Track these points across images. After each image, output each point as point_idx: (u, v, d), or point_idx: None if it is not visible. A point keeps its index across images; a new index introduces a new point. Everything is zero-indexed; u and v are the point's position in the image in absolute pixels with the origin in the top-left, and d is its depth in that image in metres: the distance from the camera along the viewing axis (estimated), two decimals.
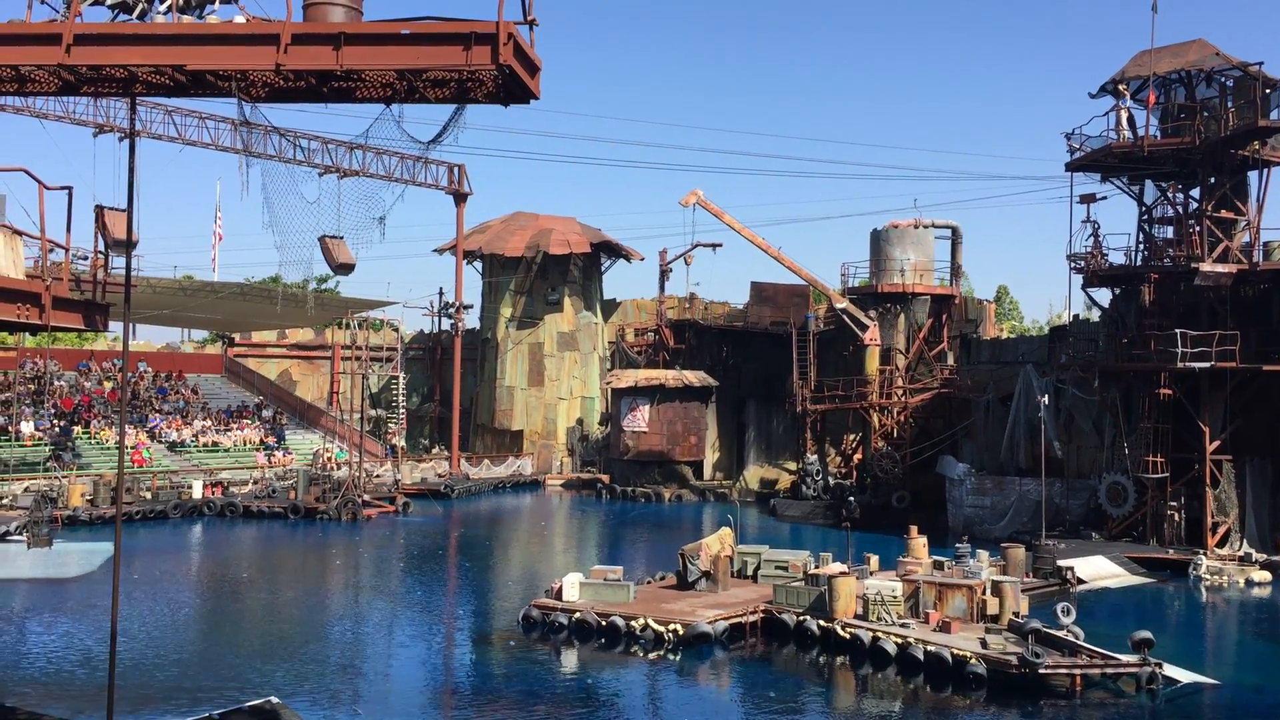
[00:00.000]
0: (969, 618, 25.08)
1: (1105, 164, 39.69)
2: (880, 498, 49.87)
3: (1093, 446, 42.71)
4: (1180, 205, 39.93)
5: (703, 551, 28.86)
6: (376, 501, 48.99)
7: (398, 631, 27.29)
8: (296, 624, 27.84)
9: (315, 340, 69.05)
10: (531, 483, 62.41)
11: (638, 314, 68.86)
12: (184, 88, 12.43)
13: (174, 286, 47.44)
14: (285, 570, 36.02)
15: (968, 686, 21.94)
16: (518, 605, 28.32)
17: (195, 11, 12.36)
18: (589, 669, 24.01)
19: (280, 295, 46.66)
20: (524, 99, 12.08)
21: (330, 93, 12.22)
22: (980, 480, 44.11)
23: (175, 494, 47.22)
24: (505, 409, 65.20)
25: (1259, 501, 37.77)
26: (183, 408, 58.24)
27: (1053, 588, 31.77)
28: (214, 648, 25.15)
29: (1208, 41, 39.15)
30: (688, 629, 24.87)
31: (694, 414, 59.16)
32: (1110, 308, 42.81)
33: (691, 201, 56.02)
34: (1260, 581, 34.05)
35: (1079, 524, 40.68)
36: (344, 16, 11.64)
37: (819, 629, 25.17)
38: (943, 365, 53.05)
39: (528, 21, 11.42)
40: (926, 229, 54.26)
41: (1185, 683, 22.23)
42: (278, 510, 46.30)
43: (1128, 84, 39.50)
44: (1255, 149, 37.19)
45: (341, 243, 20.96)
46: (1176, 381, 37.97)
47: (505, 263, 65.07)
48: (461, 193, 62.87)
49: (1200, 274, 36.59)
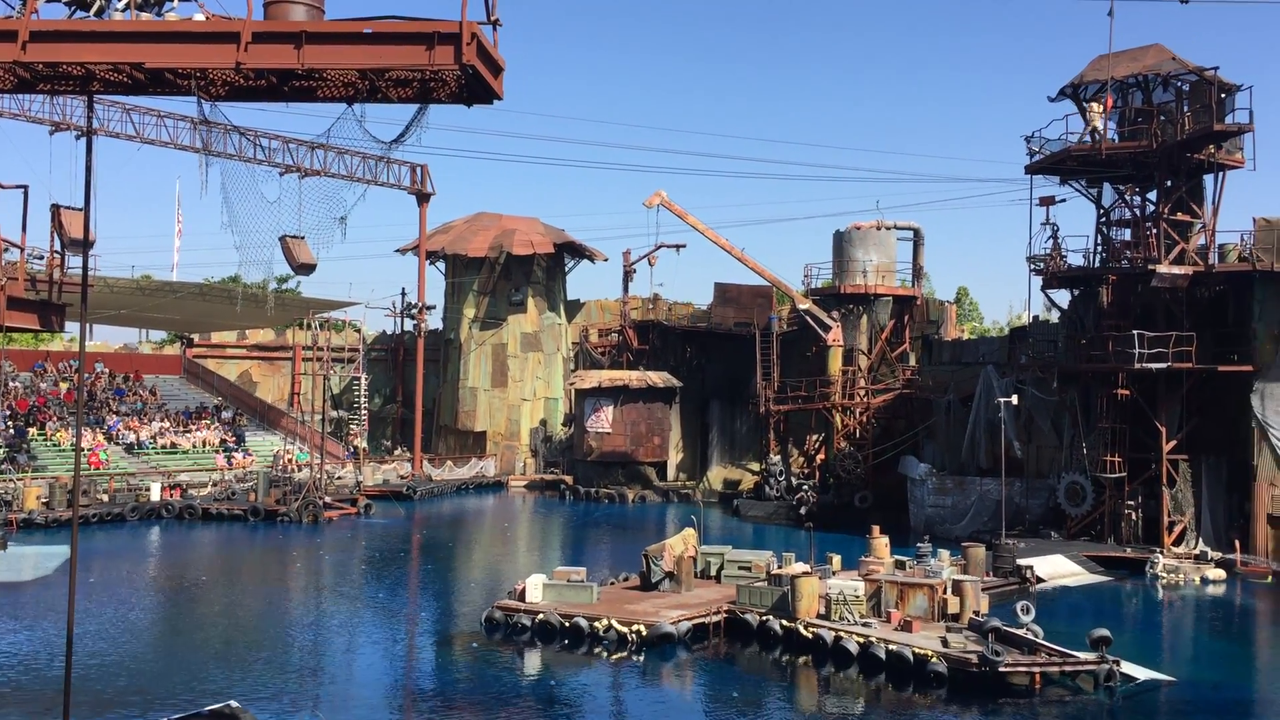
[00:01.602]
0: (930, 617, 25.29)
1: (1064, 167, 40.13)
2: (843, 498, 50.13)
3: (1052, 446, 43.14)
4: (1137, 208, 40.43)
5: (666, 552, 28.89)
6: (338, 503, 48.64)
7: (359, 634, 27.11)
8: (256, 627, 27.60)
9: (276, 341, 68.47)
10: (495, 484, 62.22)
11: (601, 315, 68.82)
12: (142, 86, 12.28)
13: (132, 286, 46.87)
14: (245, 573, 35.69)
15: (929, 685, 22.11)
16: (480, 607, 28.22)
17: (154, 9, 12.22)
18: (552, 670, 23.97)
19: (240, 295, 46.25)
20: (487, 99, 12.03)
21: (291, 92, 12.12)
22: (941, 480, 44.44)
23: (133, 496, 46.64)
24: (468, 410, 64.97)
25: (1214, 500, 38.31)
26: (140, 409, 57.57)
27: (1012, 586, 32.08)
28: (173, 652, 24.87)
29: (1164, 46, 39.69)
30: (651, 630, 24.89)
31: (657, 415, 59.22)
32: (1069, 309, 43.25)
33: (655, 202, 56.09)
34: (1215, 579, 34.55)
35: (1038, 523, 41.09)
36: (305, 15, 11.54)
37: (782, 629, 25.27)
38: (904, 366, 53.42)
39: (491, 21, 11.38)
40: (888, 230, 54.64)
41: (1142, 680, 22.52)
42: (237, 513, 45.85)
43: (1086, 88, 39.98)
44: (1210, 153, 37.72)
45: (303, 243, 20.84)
46: (1134, 382, 38.44)
47: (468, 263, 64.84)
48: (424, 193, 62.60)
49: (1157, 276, 37.06)
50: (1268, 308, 36.94)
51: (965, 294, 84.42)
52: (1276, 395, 36.53)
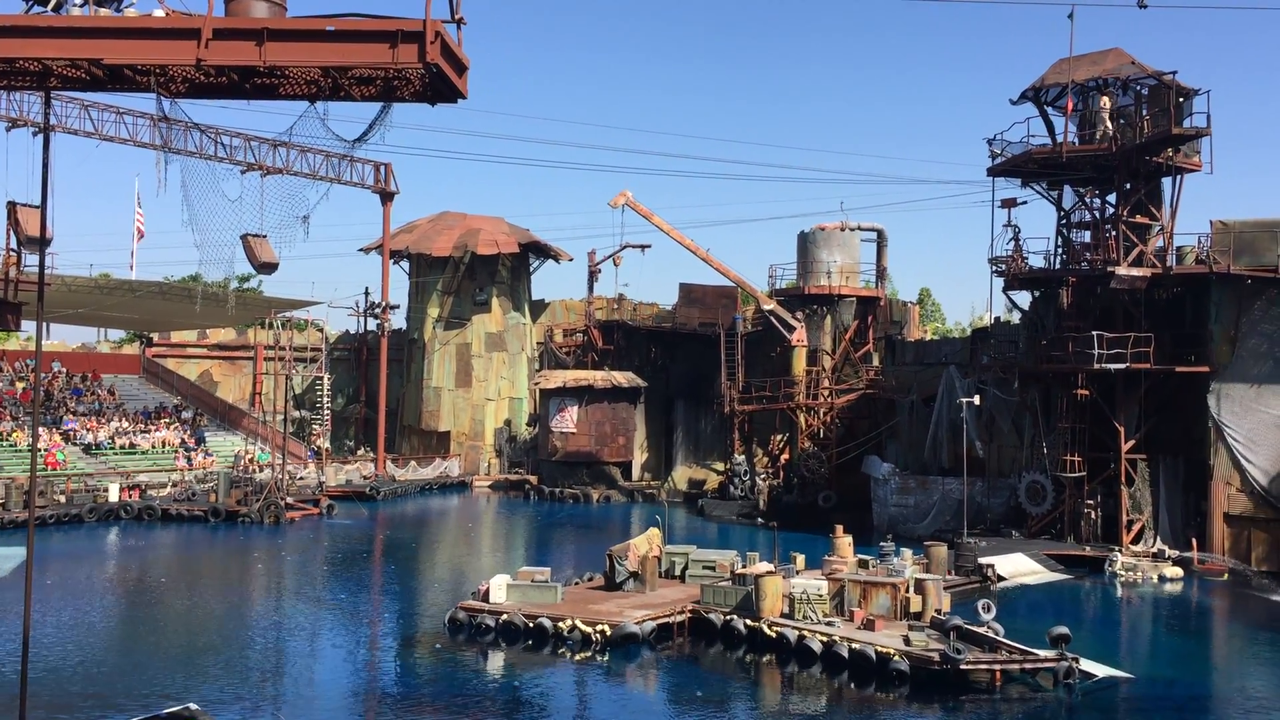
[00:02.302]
0: (893, 615, 25.46)
1: (1025, 169, 40.51)
2: (807, 497, 50.36)
3: (1013, 446, 43.54)
4: (1097, 210, 40.88)
5: (630, 552, 28.91)
6: (300, 504, 48.27)
7: (321, 636, 26.93)
8: (217, 629, 27.34)
9: (237, 340, 67.87)
10: (459, 484, 61.96)
11: (566, 315, 68.72)
12: (101, 82, 12.14)
13: (90, 285, 46.31)
14: (205, 574, 35.35)
15: (891, 683, 22.25)
16: (444, 608, 28.12)
17: (113, 4, 12.09)
18: (516, 671, 23.93)
19: (201, 294, 45.77)
20: (452, 98, 12.00)
21: (253, 89, 12.02)
22: (904, 480, 44.74)
23: (90, 497, 46.07)
24: (432, 410, 64.69)
25: (1172, 499, 38.82)
26: (99, 409, 56.88)
27: (974, 585, 32.35)
28: (131, 655, 24.58)
29: (1124, 51, 40.17)
30: (615, 630, 24.89)
31: (622, 415, 59.22)
32: (1030, 310, 43.67)
33: (620, 203, 56.10)
34: (1172, 577, 35.00)
35: (1000, 522, 41.46)
36: (267, 12, 11.46)
37: (746, 628, 25.35)
38: (868, 366, 53.73)
39: (455, 20, 11.35)
40: (852, 232, 54.94)
41: (1101, 677, 22.79)
42: (198, 513, 45.39)
43: (1047, 91, 40.38)
44: (1169, 156, 38.19)
45: (264, 241, 20.65)
46: (1093, 382, 38.87)
47: (432, 262, 64.55)
48: (388, 191, 62.25)
49: (1116, 277, 37.49)
50: (1224, 309, 37.48)
51: (928, 295, 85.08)
52: (1232, 396, 37.07)
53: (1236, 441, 36.81)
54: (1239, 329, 37.05)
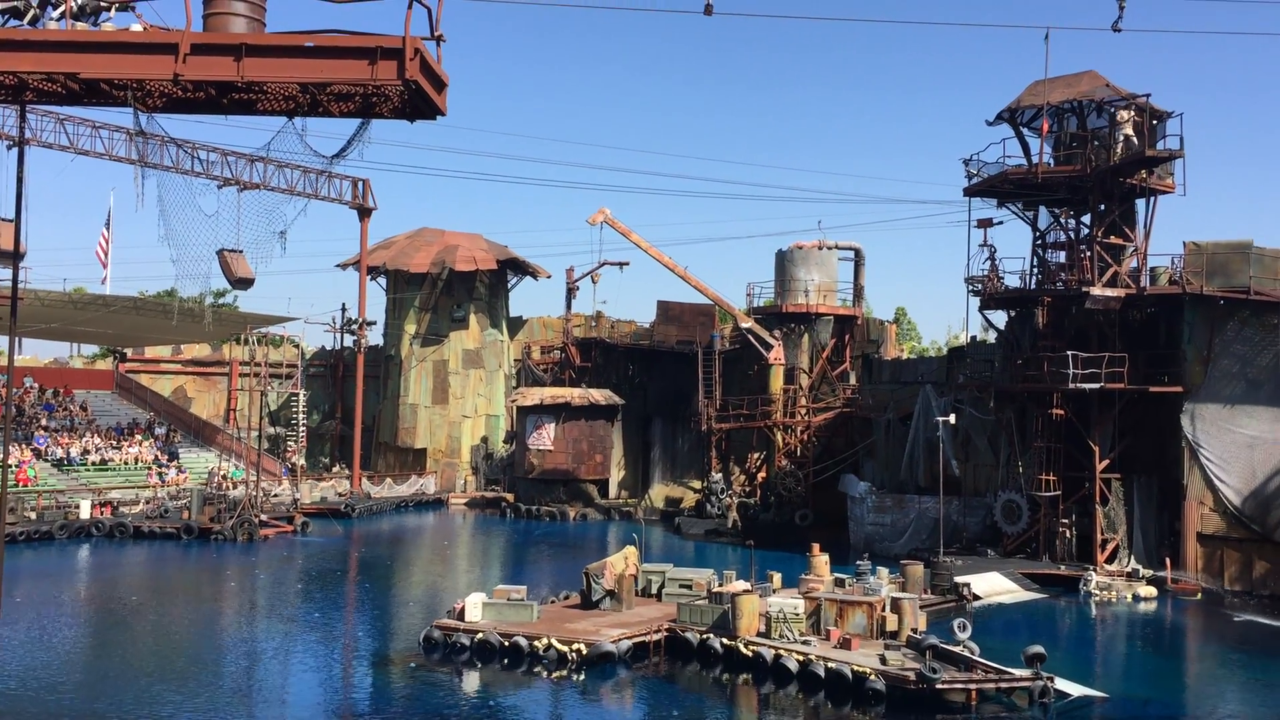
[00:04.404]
0: (869, 634, 25.45)
1: (1001, 190, 40.80)
2: (783, 515, 50.37)
3: (989, 465, 43.71)
4: (1072, 231, 41.19)
5: (607, 570, 28.81)
6: (274, 521, 47.91)
7: (294, 655, 26.68)
8: (189, 649, 27.05)
9: (212, 356, 67.42)
10: (435, 501, 61.67)
11: (544, 332, 68.66)
12: (77, 96, 12.09)
13: (63, 299, 45.97)
14: (177, 593, 34.98)
15: (867, 702, 22.23)
16: (419, 626, 27.92)
17: (90, 18, 12.04)
18: (491, 690, 23.79)
19: (176, 310, 45.49)
20: (430, 115, 12.01)
21: (231, 104, 12.00)
22: (881, 498, 44.82)
23: (62, 514, 45.56)
24: (408, 427, 64.42)
25: (1146, 518, 39.02)
26: (71, 425, 56.35)
27: (950, 604, 32.39)
28: (102, 674, 24.25)
29: (1098, 73, 40.56)
30: (591, 648, 24.79)
31: (599, 432, 59.13)
32: (1006, 329, 43.90)
33: (599, 220, 56.17)
34: (1146, 596, 35.16)
35: (975, 541, 41.57)
36: (246, 27, 11.44)
37: (722, 647, 25.29)
38: (845, 385, 53.87)
39: (435, 37, 11.37)
40: (830, 250, 55.17)
41: (1076, 696, 22.84)
42: (170, 531, 44.95)
43: (1023, 112, 40.71)
44: (1143, 178, 38.54)
45: (240, 257, 20.58)
46: (1068, 402, 39.08)
47: (410, 279, 64.39)
48: (366, 207, 62.09)
49: (1090, 298, 37.76)
50: (1197, 330, 37.79)
51: (904, 314, 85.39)
52: (1206, 415, 37.33)
53: (1210, 461, 37.07)
54: (1212, 349, 37.36)
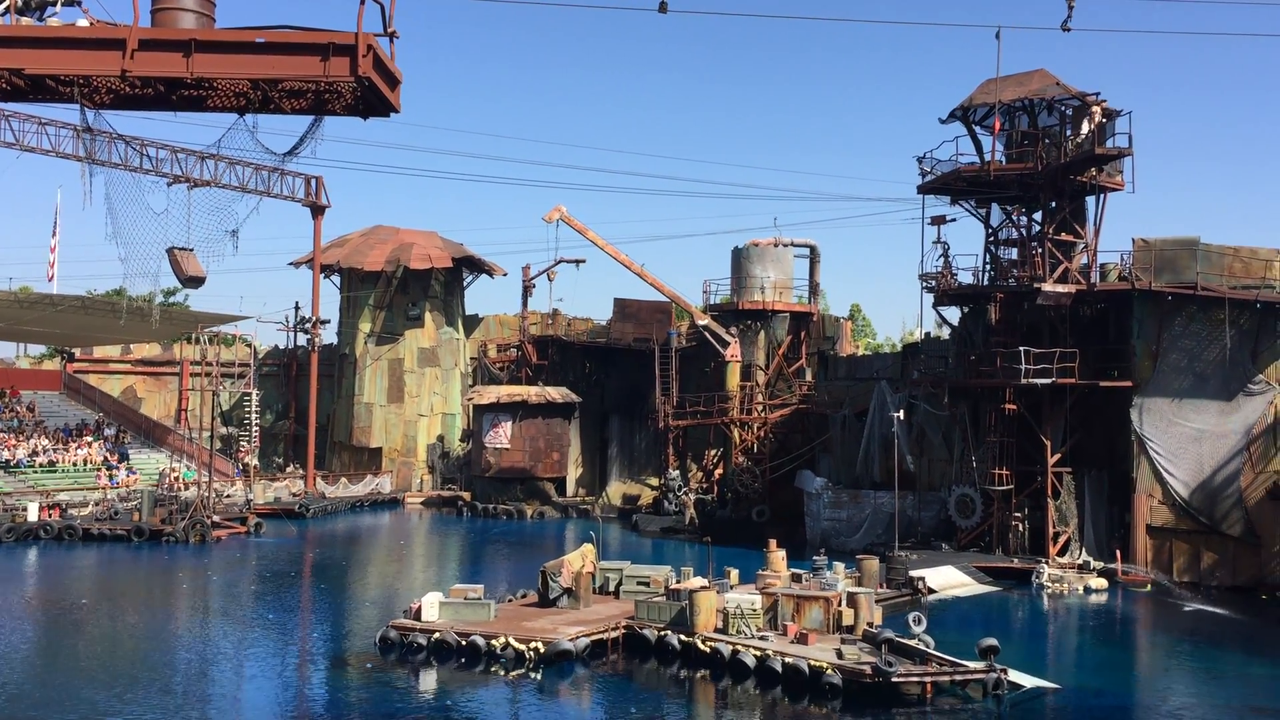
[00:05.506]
0: (826, 629, 25.62)
1: (954, 187, 41.18)
2: (741, 512, 50.55)
3: (943, 460, 44.13)
4: (1023, 228, 41.66)
5: (564, 568, 28.77)
6: (226, 522, 47.39)
7: (248, 657, 26.40)
8: (140, 652, 26.69)
9: (162, 356, 66.60)
10: (390, 501, 61.28)
11: (500, 330, 68.42)
12: (23, 92, 11.88)
13: (8, 299, 45.19)
14: (128, 596, 34.49)
15: (824, 697, 22.37)
16: (375, 626, 27.74)
17: (35, 13, 11.84)
18: (448, 690, 23.67)
19: (124, 309, 44.86)
20: (384, 112, 11.93)
21: (180, 101, 11.85)
22: (837, 494, 45.12)
23: (8, 517, 44.79)
24: (363, 426, 63.96)
25: (1096, 511, 39.58)
26: (17, 426, 55.41)
27: (905, 598, 32.63)
28: (50, 680, 23.86)
29: (1049, 72, 41.04)
30: (549, 647, 24.75)
31: (556, 430, 59.03)
32: (959, 326, 44.34)
33: (555, 217, 56.04)
34: (1098, 588, 35.68)
35: (930, 535, 41.96)
36: (195, 23, 11.31)
37: (680, 643, 25.34)
38: (801, 381, 54.15)
39: (388, 34, 11.29)
40: (786, 247, 55.39)
41: (1029, 687, 23.13)
42: (120, 533, 44.32)
43: (975, 110, 41.09)
44: (1092, 175, 39.06)
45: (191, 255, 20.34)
46: (1020, 397, 39.54)
47: (364, 277, 63.91)
48: (319, 205, 61.54)
49: (1042, 294, 38.22)
50: (1146, 325, 38.35)
51: (859, 310, 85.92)
52: (1154, 409, 37.91)
53: (1158, 454, 37.65)
54: (1160, 344, 37.94)
